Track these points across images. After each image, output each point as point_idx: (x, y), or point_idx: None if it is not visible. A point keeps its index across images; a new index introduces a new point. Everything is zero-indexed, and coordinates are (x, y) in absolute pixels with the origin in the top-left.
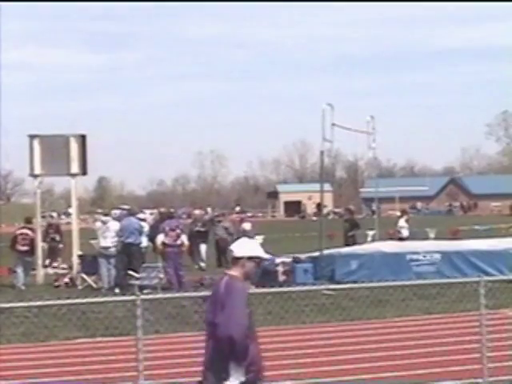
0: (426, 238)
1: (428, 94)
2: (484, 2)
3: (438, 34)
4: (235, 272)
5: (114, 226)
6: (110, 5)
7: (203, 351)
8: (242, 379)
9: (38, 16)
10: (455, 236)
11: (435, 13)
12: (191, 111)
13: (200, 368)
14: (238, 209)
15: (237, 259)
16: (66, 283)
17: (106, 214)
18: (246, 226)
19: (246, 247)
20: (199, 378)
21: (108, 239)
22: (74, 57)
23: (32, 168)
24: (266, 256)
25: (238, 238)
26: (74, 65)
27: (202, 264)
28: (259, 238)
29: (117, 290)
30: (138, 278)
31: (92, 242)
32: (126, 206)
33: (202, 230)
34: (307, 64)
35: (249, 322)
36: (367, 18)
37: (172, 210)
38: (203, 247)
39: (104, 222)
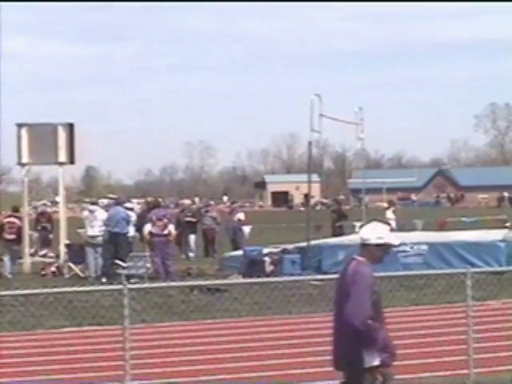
0: (414, 230)
1: (417, 87)
2: None
3: (428, 29)
4: (363, 257)
5: (102, 215)
6: None
7: (189, 340)
8: (377, 362)
9: (29, 7)
10: (442, 227)
11: (424, 8)
12: (180, 102)
13: (187, 358)
14: (225, 198)
15: (365, 245)
16: (53, 272)
17: (93, 203)
18: (241, 215)
19: (375, 233)
20: (186, 367)
21: (95, 228)
22: (64, 48)
23: (20, 156)
24: (397, 242)
25: (232, 228)
26: (63, 55)
27: (191, 254)
28: (247, 228)
29: (104, 279)
30: (124, 268)
31: (79, 231)
32: (113, 196)
33: (193, 220)
34: (297, 57)
35: (376, 306)
36: (357, 13)
37: (160, 199)
38: (192, 237)
39: (91, 211)
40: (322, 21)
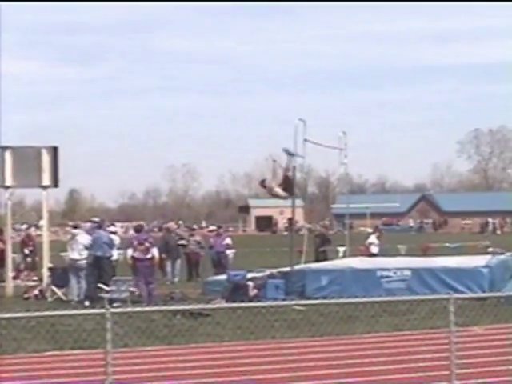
0: (397, 255)
1: (400, 112)
2: (457, 22)
3: (411, 52)
4: None
5: (83, 238)
6: (81, 18)
7: (172, 365)
8: None
9: (9, 28)
10: (426, 253)
11: (407, 31)
12: (163, 125)
13: (169, 382)
14: (204, 223)
15: None
16: (36, 295)
17: (75, 227)
18: (228, 240)
19: None
20: None
21: (76, 251)
22: (45, 69)
23: (3, 179)
24: None
25: (216, 252)
26: (44, 77)
27: (176, 279)
28: (231, 252)
29: (86, 303)
30: (107, 291)
31: (62, 254)
32: (96, 219)
33: (185, 243)
34: (279, 79)
35: None
36: (339, 35)
37: (143, 223)
38: (178, 261)
39: (73, 235)
40: (302, 42)
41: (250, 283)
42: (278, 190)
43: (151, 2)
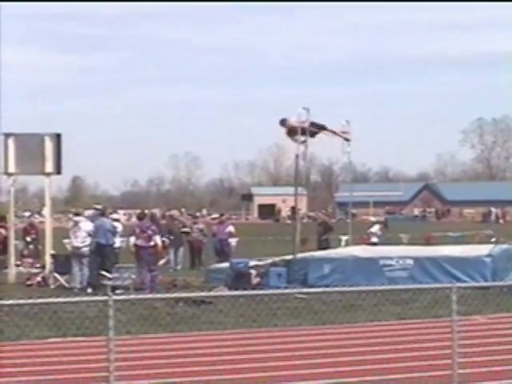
0: (400, 244)
1: (404, 102)
2: (460, 12)
3: (415, 43)
4: None
5: (86, 225)
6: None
7: (174, 352)
8: None
9: (8, 16)
10: (428, 242)
11: (411, 22)
12: (167, 113)
13: (171, 370)
14: (204, 211)
15: None
16: (39, 282)
17: (77, 214)
18: (231, 228)
19: None
20: (171, 380)
21: (79, 239)
22: (48, 57)
23: (6, 166)
24: None
25: (219, 240)
26: (48, 65)
27: (179, 266)
28: (234, 241)
29: (89, 290)
30: (110, 279)
31: (65, 241)
32: (98, 206)
33: (188, 231)
34: (284, 69)
35: None
36: (343, 26)
37: (146, 211)
38: (181, 249)
39: (75, 222)
40: (308, 33)
41: (253, 271)
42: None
43: None
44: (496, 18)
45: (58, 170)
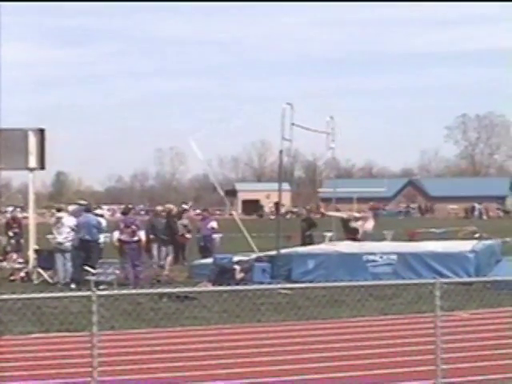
0: (383, 240)
1: (388, 97)
2: (446, 6)
3: (400, 38)
4: None
5: (69, 221)
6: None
7: (158, 348)
8: None
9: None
10: (412, 238)
11: (397, 16)
12: (151, 108)
13: (155, 365)
14: (185, 206)
15: None
16: (22, 278)
17: (59, 210)
18: (213, 224)
19: None
20: (154, 375)
21: (63, 235)
22: (34, 51)
23: None
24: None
25: (203, 236)
26: (30, 59)
27: (162, 262)
28: (217, 236)
29: (73, 286)
30: (94, 274)
31: (48, 236)
32: (83, 202)
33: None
34: (267, 63)
35: None
36: (329, 20)
37: (130, 206)
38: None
39: (58, 218)
40: (292, 27)
41: (237, 267)
42: None
43: None
44: (481, 14)
45: (41, 165)
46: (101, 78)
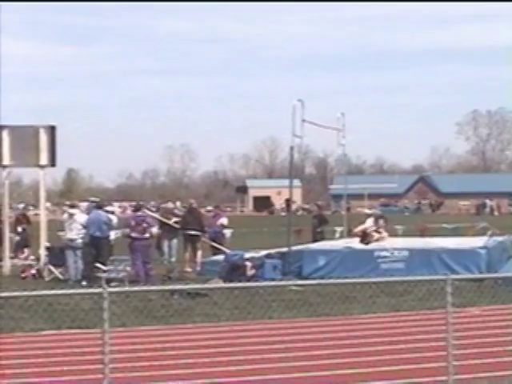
0: (395, 235)
1: (399, 94)
2: (457, 4)
3: (411, 35)
4: None
5: (81, 218)
6: None
7: (169, 345)
8: None
9: (5, 7)
10: (423, 234)
11: (407, 13)
12: (161, 105)
13: (166, 362)
14: (178, 204)
15: None
16: (33, 275)
17: (72, 206)
18: (224, 220)
19: None
20: (165, 372)
21: (74, 231)
22: (43, 48)
23: (0, 159)
24: None
25: (214, 232)
26: (42, 57)
27: (173, 258)
28: (228, 233)
29: (84, 283)
30: (105, 271)
31: (59, 233)
32: (94, 199)
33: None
34: (278, 61)
35: None
36: (339, 17)
37: (141, 203)
38: (174, 241)
39: (71, 214)
40: (302, 24)
41: (248, 263)
42: None
43: None
44: (493, 11)
45: (52, 162)
46: (110, 75)
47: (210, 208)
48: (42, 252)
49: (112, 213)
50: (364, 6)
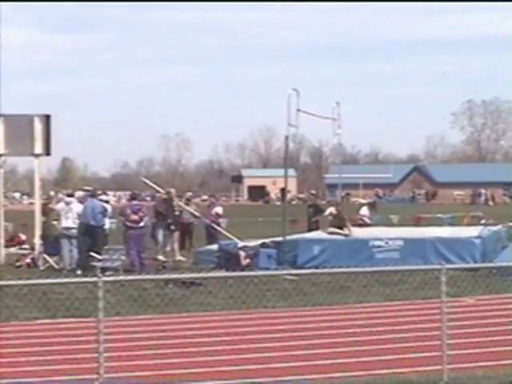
0: (389, 225)
1: (395, 83)
2: None
3: (405, 24)
4: None
5: (77, 207)
6: None
7: (164, 334)
8: None
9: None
10: (418, 223)
11: (402, 3)
12: (157, 94)
13: (161, 351)
14: (189, 194)
15: None
16: (28, 263)
17: (69, 195)
18: (219, 209)
19: None
20: (160, 361)
21: (70, 220)
22: (37, 37)
23: None
24: None
25: (210, 221)
26: (36, 45)
27: (168, 248)
28: (223, 222)
29: (78, 272)
30: (100, 260)
31: (54, 222)
32: (88, 188)
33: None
34: (274, 50)
35: None
36: (335, 7)
37: (136, 191)
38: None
39: (67, 203)
40: (298, 13)
41: (242, 252)
42: None
43: None
44: (489, 1)
45: (47, 151)
46: (105, 64)
47: (205, 197)
48: (37, 241)
49: (106, 202)
50: None
